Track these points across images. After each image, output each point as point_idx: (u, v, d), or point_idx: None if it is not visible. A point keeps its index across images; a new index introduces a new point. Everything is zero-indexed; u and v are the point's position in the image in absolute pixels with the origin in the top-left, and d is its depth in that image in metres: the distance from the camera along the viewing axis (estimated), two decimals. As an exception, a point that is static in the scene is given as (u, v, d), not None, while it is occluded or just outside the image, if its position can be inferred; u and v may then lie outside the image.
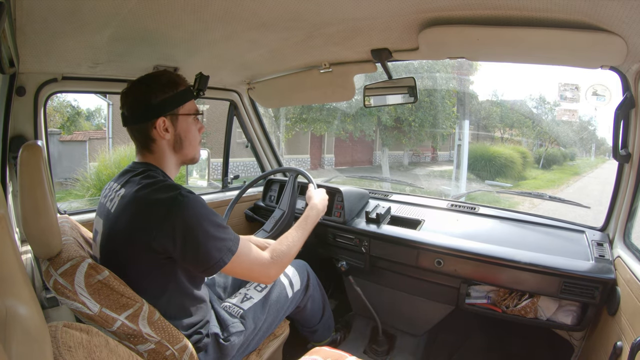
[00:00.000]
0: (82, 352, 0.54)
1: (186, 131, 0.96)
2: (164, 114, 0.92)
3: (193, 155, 1.01)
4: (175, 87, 0.94)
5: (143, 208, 0.83)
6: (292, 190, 1.63)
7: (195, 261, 0.84)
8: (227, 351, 1.01)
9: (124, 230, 0.84)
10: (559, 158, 11.64)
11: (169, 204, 0.81)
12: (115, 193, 0.90)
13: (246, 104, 1.92)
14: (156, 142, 0.94)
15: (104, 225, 0.90)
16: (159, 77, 0.94)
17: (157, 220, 0.80)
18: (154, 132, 0.92)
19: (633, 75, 0.97)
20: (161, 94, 0.91)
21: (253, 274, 0.94)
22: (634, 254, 1.07)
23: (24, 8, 0.75)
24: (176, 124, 0.94)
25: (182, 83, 0.96)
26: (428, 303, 1.52)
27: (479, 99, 11.75)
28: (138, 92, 0.92)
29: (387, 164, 11.33)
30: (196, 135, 1.00)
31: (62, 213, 1.34)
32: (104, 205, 0.93)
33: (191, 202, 0.83)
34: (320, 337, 1.49)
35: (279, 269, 0.99)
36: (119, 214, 0.86)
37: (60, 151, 8.91)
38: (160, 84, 0.92)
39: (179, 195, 0.82)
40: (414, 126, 10.37)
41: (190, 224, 0.81)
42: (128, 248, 0.84)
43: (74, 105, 10.59)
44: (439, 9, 0.85)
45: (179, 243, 0.81)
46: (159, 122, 0.91)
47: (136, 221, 0.82)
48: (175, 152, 0.97)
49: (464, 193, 4.76)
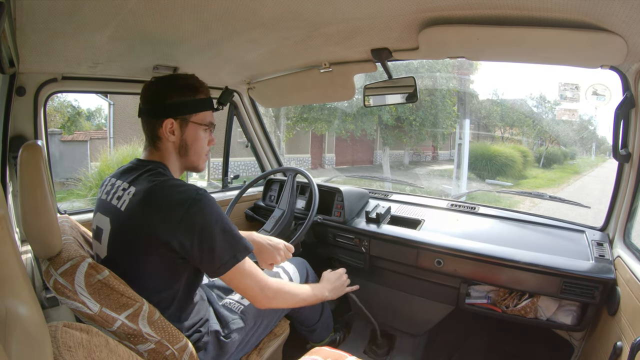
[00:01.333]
0: (82, 352, 0.54)
1: (193, 139, 0.96)
2: (174, 116, 0.92)
3: (197, 164, 1.01)
4: (194, 94, 0.94)
5: (160, 206, 0.83)
6: (292, 189, 1.64)
7: (210, 261, 0.85)
8: (227, 348, 1.02)
9: (140, 228, 0.84)
10: (559, 157, 11.63)
11: (188, 203, 0.82)
12: (124, 191, 0.89)
13: (246, 103, 1.92)
14: (162, 140, 0.94)
15: (112, 223, 0.89)
16: (180, 79, 0.95)
17: (176, 219, 0.81)
18: (160, 130, 0.93)
19: (633, 75, 0.97)
20: (177, 96, 0.92)
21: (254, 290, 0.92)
22: (634, 253, 1.07)
23: (24, 8, 0.75)
24: (184, 129, 0.94)
25: (202, 92, 0.96)
26: (428, 303, 1.52)
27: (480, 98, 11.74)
28: (157, 89, 0.93)
29: (387, 163, 11.32)
30: (204, 146, 0.99)
31: (62, 213, 1.34)
32: (109, 203, 0.91)
33: (210, 203, 0.84)
34: (319, 337, 1.49)
35: (280, 297, 0.97)
36: (132, 212, 0.85)
37: (62, 151, 8.92)
38: (180, 86, 0.93)
39: (199, 195, 0.83)
40: (415, 125, 10.36)
41: (208, 223, 0.83)
42: (144, 247, 0.84)
43: (75, 105, 10.60)
44: (439, 8, 0.85)
45: (196, 242, 0.82)
46: (166, 122, 0.92)
47: (153, 219, 0.82)
48: (180, 156, 0.97)
49: (464, 193, 4.75)
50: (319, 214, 1.64)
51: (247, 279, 0.90)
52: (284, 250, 1.19)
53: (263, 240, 1.20)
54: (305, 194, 1.81)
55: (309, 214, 1.50)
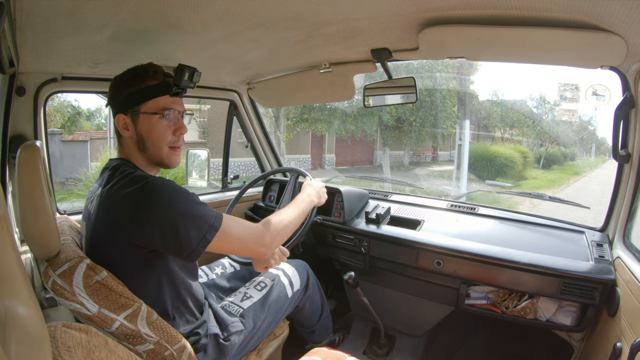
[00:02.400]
0: (81, 352, 0.54)
1: (147, 131, 0.89)
2: (124, 111, 0.89)
3: (160, 157, 0.92)
4: (140, 83, 0.88)
5: (115, 205, 0.80)
6: (293, 190, 1.63)
7: (178, 246, 0.79)
8: (227, 351, 1.01)
9: (102, 230, 0.82)
10: (559, 158, 11.65)
11: (138, 195, 0.77)
12: (94, 194, 0.88)
13: (246, 104, 1.92)
14: (122, 137, 0.92)
15: (86, 228, 0.88)
16: (128, 71, 0.90)
17: (131, 215, 0.77)
18: (118, 127, 0.91)
19: (633, 75, 0.97)
20: (125, 89, 0.88)
21: (247, 244, 0.89)
22: (634, 254, 1.07)
23: (24, 8, 0.75)
24: (136, 123, 0.89)
25: (151, 77, 0.89)
26: (427, 304, 1.52)
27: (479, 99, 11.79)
28: (112, 87, 0.92)
29: (388, 164, 11.34)
30: (162, 135, 0.90)
31: (62, 213, 1.34)
32: (87, 207, 0.91)
33: (160, 187, 0.79)
34: (318, 338, 1.49)
35: (273, 236, 0.94)
36: (96, 215, 0.83)
37: (62, 151, 8.94)
38: (125, 79, 0.89)
39: (147, 184, 0.78)
40: (415, 126, 10.39)
41: (164, 209, 0.77)
42: (110, 248, 0.82)
43: (75, 105, 10.63)
44: (439, 8, 0.85)
45: (157, 231, 0.77)
46: (117, 119, 0.90)
47: (111, 220, 0.80)
48: (140, 151, 0.92)
49: (464, 193, 4.76)
50: (319, 214, 1.64)
51: (233, 244, 0.86)
52: (279, 254, 1.19)
53: None
54: None
55: (309, 214, 1.50)
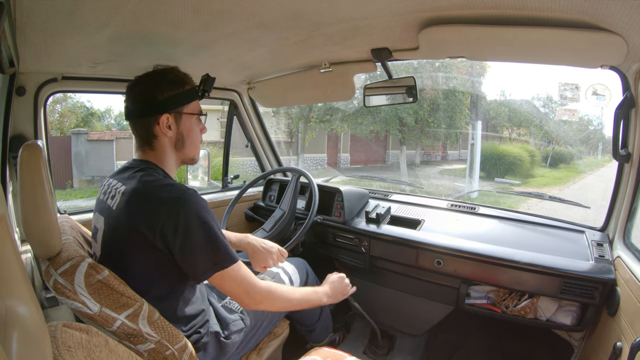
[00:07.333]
0: (82, 352, 0.54)
1: (189, 130, 0.97)
2: (169, 110, 0.92)
3: (193, 155, 1.02)
4: (182, 86, 0.94)
5: (146, 205, 0.83)
6: (294, 190, 1.63)
7: (192, 266, 0.85)
8: (227, 349, 1.02)
9: (126, 227, 0.84)
10: (566, 157, 11.70)
11: (173, 202, 0.81)
12: (116, 190, 0.90)
13: (246, 103, 1.92)
14: (158, 138, 0.94)
15: (105, 223, 0.90)
16: (166, 74, 0.94)
17: (160, 218, 0.81)
18: (156, 128, 0.92)
19: (633, 75, 0.97)
20: (167, 90, 0.92)
21: (237, 294, 0.91)
22: (634, 254, 1.07)
23: (24, 8, 0.75)
24: (179, 122, 0.95)
25: (188, 82, 0.96)
26: (428, 303, 1.52)
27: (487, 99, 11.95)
28: (144, 87, 0.93)
29: (404, 162, 11.44)
30: (198, 135, 1.00)
31: (63, 213, 1.34)
32: (104, 202, 0.93)
33: (196, 201, 0.84)
34: (318, 337, 1.49)
35: (268, 302, 0.95)
36: (121, 211, 0.86)
37: (88, 150, 9.05)
38: (167, 81, 0.93)
39: (184, 194, 0.83)
40: (432, 126, 10.64)
41: (192, 225, 0.82)
42: (130, 246, 0.84)
43: (88, 106, 10.82)
44: (439, 8, 0.85)
45: (178, 243, 0.81)
46: (162, 118, 0.91)
47: (139, 219, 0.82)
48: (176, 150, 0.97)
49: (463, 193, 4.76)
50: (319, 214, 1.64)
51: (232, 284, 0.89)
52: (277, 254, 1.19)
53: (257, 243, 1.20)
54: (305, 194, 1.80)
55: (309, 214, 1.50)
